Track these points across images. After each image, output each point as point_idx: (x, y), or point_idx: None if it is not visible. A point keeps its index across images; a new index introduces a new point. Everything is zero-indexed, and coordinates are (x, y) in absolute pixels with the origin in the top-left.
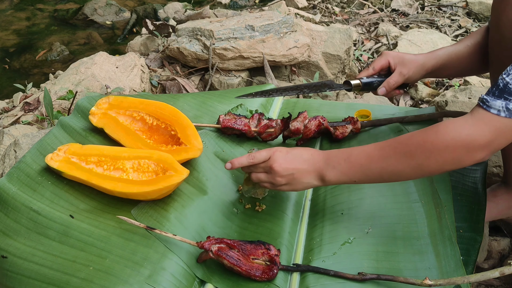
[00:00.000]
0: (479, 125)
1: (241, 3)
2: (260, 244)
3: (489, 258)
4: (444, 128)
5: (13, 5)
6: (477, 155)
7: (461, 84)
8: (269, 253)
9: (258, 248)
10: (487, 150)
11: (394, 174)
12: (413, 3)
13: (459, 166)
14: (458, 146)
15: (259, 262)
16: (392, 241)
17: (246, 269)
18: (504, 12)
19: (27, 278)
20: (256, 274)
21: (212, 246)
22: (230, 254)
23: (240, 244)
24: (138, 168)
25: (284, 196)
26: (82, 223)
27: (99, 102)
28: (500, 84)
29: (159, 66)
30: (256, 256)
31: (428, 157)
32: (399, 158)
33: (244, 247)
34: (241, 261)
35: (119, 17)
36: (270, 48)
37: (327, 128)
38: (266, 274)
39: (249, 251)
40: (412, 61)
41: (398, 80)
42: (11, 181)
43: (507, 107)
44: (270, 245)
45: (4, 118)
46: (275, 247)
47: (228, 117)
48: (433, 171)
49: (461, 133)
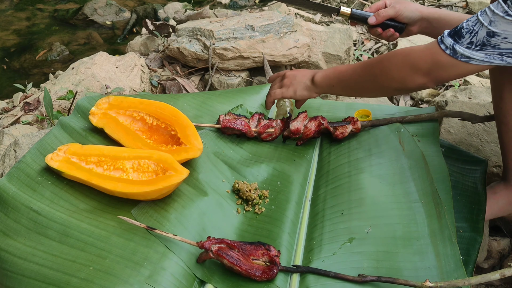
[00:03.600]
0: (426, 53)
1: (241, 3)
2: (260, 245)
3: (489, 258)
4: (400, 50)
5: (13, 5)
6: (419, 79)
7: (461, 84)
8: (269, 254)
9: (258, 249)
10: (428, 77)
11: (359, 85)
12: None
13: (404, 86)
14: (405, 65)
15: (259, 262)
16: (392, 241)
17: (246, 269)
18: None
19: (27, 278)
20: (256, 274)
21: (212, 246)
22: (230, 254)
23: (240, 245)
24: (138, 168)
25: (284, 198)
26: (82, 223)
27: (99, 102)
28: (458, 26)
29: (159, 66)
30: (256, 257)
31: (382, 72)
32: (364, 70)
33: (244, 248)
34: (241, 261)
35: (119, 17)
36: (270, 48)
37: (327, 128)
38: (266, 274)
39: (249, 252)
40: (408, 1)
41: (388, 11)
42: (11, 181)
43: (453, 47)
44: (270, 246)
45: (4, 118)
46: (275, 248)
47: (228, 117)
48: (385, 86)
49: (410, 55)
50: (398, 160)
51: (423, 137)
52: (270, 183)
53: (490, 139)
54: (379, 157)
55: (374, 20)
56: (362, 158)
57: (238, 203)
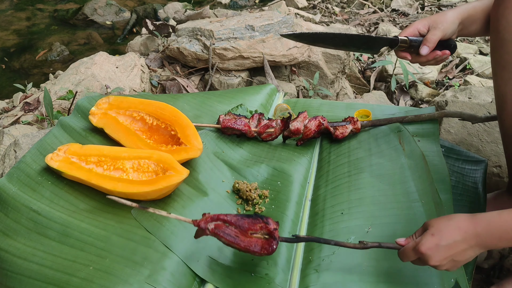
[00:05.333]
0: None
1: (241, 3)
2: (257, 218)
3: (489, 258)
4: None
5: (13, 5)
6: None
7: (461, 84)
8: (268, 227)
9: (256, 223)
10: None
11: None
12: (413, 3)
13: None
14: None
15: (258, 236)
16: (392, 241)
17: (245, 245)
18: (504, 16)
19: (27, 278)
20: (255, 250)
21: (209, 224)
22: (228, 232)
23: (237, 220)
24: (138, 168)
25: (284, 198)
26: (82, 223)
27: (99, 102)
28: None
29: (159, 66)
30: (254, 231)
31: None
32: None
33: (241, 223)
34: (239, 238)
35: (119, 17)
36: (270, 48)
37: (327, 128)
38: (265, 249)
39: (246, 227)
40: (444, 15)
41: (436, 33)
42: (11, 181)
43: None
44: (268, 219)
45: (4, 118)
46: (273, 220)
47: (228, 117)
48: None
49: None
50: (398, 160)
51: (423, 137)
52: (270, 183)
53: (490, 139)
54: (379, 157)
55: (428, 50)
56: (362, 158)
57: (238, 203)
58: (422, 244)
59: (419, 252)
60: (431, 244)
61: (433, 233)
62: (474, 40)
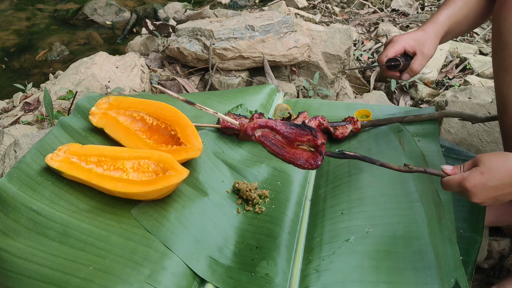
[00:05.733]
0: None
1: (241, 3)
2: (305, 130)
3: (489, 258)
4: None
5: (13, 5)
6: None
7: (461, 84)
8: (315, 141)
9: (304, 134)
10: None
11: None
12: (413, 3)
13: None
14: None
15: (304, 148)
16: (392, 241)
17: (290, 157)
18: (506, 19)
19: (27, 278)
20: (299, 163)
21: (256, 131)
22: (274, 142)
23: (285, 129)
24: (138, 168)
25: (284, 198)
26: (82, 223)
27: (99, 102)
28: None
29: (159, 66)
30: (301, 142)
31: None
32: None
33: (289, 133)
34: (285, 149)
35: (119, 17)
36: (270, 48)
37: (327, 128)
38: (310, 163)
39: (293, 138)
40: (427, 38)
41: (422, 63)
42: (11, 181)
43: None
44: (317, 132)
45: (4, 118)
46: (322, 134)
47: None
48: None
49: None
50: (398, 160)
51: (423, 137)
52: (270, 183)
53: (490, 139)
54: (379, 157)
55: (409, 78)
56: None
57: (238, 203)
58: (468, 181)
59: (464, 187)
60: (478, 182)
61: (482, 171)
62: (474, 40)
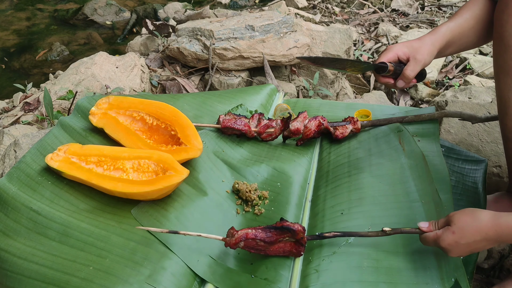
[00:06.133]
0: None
1: (241, 3)
2: (284, 230)
3: (489, 258)
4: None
5: (13, 5)
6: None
7: (461, 84)
8: (296, 237)
9: (284, 233)
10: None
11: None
12: (413, 3)
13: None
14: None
15: (286, 240)
16: (392, 241)
17: (274, 254)
18: (508, 22)
19: (27, 278)
20: (283, 255)
21: (239, 244)
22: (257, 247)
23: (265, 235)
24: (138, 168)
25: (284, 200)
26: (82, 223)
27: (99, 102)
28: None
29: (159, 66)
30: (283, 237)
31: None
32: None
33: (269, 238)
34: (268, 248)
35: (119, 17)
36: (270, 48)
37: (327, 128)
38: (293, 254)
39: (275, 239)
40: (422, 45)
41: (415, 69)
42: (11, 181)
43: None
44: (295, 229)
45: (4, 118)
46: (300, 226)
47: (228, 117)
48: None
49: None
50: (398, 160)
51: (423, 137)
52: (270, 184)
53: (490, 139)
54: (379, 157)
55: (403, 85)
56: (362, 158)
57: (237, 204)
58: (442, 240)
59: (439, 245)
60: (451, 241)
61: (454, 231)
62: None
